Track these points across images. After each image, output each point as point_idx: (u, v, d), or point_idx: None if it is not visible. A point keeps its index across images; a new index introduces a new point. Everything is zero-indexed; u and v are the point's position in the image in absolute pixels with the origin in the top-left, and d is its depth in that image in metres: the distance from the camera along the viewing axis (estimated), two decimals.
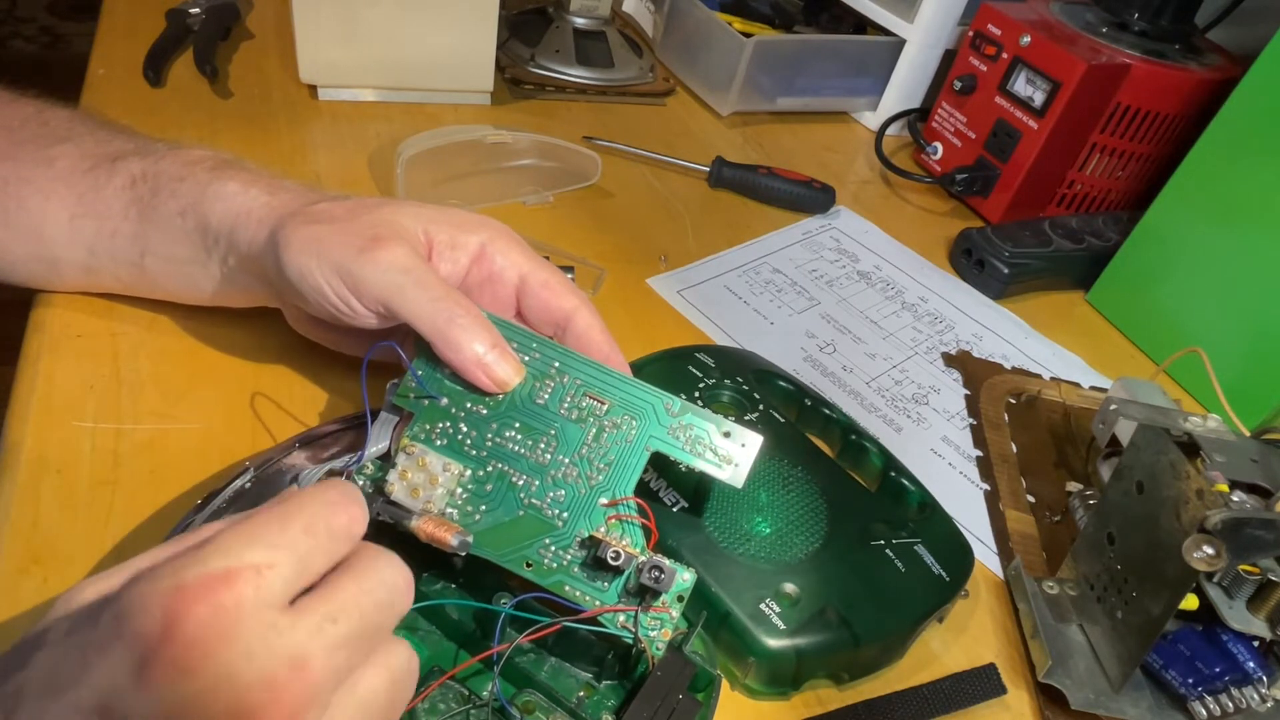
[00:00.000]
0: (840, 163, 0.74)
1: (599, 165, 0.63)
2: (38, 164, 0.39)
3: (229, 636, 0.20)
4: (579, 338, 0.36)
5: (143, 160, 0.39)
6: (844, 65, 0.76)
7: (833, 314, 0.58)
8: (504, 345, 0.33)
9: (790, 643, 0.34)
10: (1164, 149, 0.67)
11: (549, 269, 0.37)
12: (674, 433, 0.33)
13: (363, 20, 0.60)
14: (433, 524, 0.31)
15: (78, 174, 0.39)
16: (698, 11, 0.74)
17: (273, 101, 0.63)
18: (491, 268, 0.37)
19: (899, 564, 0.38)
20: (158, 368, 0.42)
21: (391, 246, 0.33)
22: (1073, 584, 0.41)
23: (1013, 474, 0.49)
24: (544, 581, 0.32)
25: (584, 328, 0.36)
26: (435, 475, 0.33)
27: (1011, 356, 0.58)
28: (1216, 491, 0.35)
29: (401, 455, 0.33)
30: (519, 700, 0.32)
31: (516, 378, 0.33)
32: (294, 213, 0.36)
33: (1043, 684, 0.37)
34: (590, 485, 0.33)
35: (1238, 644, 0.37)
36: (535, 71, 0.72)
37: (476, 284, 0.37)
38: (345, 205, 0.36)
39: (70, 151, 0.40)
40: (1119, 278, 0.63)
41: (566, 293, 0.37)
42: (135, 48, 0.62)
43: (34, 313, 0.43)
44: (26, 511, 0.35)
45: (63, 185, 0.39)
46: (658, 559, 0.31)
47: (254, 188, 0.37)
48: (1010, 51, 0.65)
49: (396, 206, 0.36)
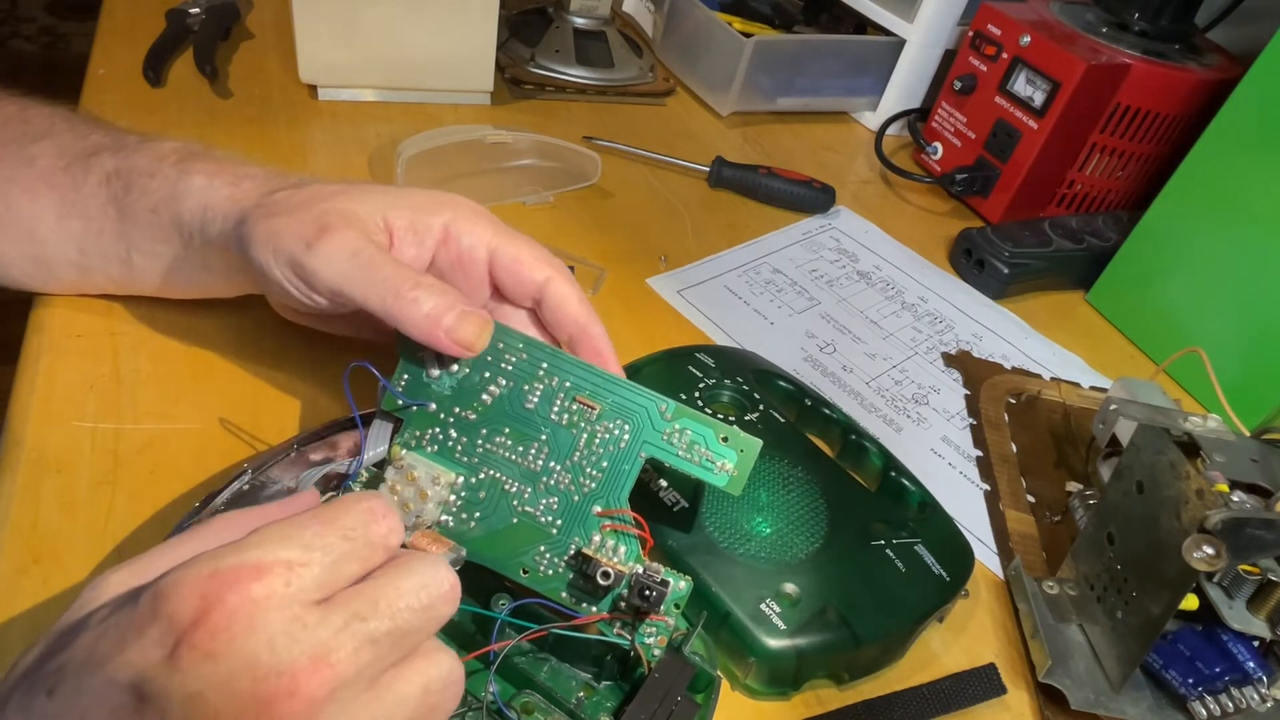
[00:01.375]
0: (840, 163, 0.74)
1: (599, 165, 0.63)
2: (20, 164, 0.39)
3: (254, 626, 0.21)
4: (554, 310, 0.35)
5: (114, 156, 0.39)
6: (844, 65, 0.76)
7: (833, 314, 0.58)
8: (465, 305, 0.32)
9: (790, 643, 0.34)
10: (1164, 149, 0.67)
11: (520, 241, 0.36)
12: (668, 438, 0.32)
13: (363, 20, 0.60)
14: (426, 539, 0.30)
15: (56, 172, 0.39)
16: (698, 11, 0.74)
17: (273, 101, 0.63)
18: (459, 248, 0.36)
19: (899, 564, 0.38)
20: (158, 368, 0.42)
21: (337, 235, 0.32)
22: (1073, 584, 0.41)
23: (1013, 474, 0.49)
24: (541, 588, 0.32)
25: (559, 299, 0.35)
26: (424, 489, 0.32)
27: (1011, 356, 0.58)
28: (1216, 491, 0.35)
29: (390, 469, 0.33)
30: (518, 701, 0.32)
31: (483, 336, 0.32)
32: (255, 204, 0.35)
33: (1043, 684, 0.37)
34: (583, 493, 0.32)
35: (1238, 644, 0.37)
36: (535, 71, 0.72)
37: (447, 266, 0.36)
38: (303, 194, 0.35)
39: (49, 149, 0.39)
40: (1119, 278, 0.63)
41: (538, 264, 0.35)
42: (135, 48, 0.62)
43: (34, 313, 0.43)
44: (26, 511, 0.35)
45: (44, 185, 0.39)
46: (649, 576, 0.31)
47: (218, 179, 0.37)
48: (1010, 51, 0.65)
49: (354, 193, 0.35)
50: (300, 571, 0.22)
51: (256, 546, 0.22)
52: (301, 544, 0.23)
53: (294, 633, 0.21)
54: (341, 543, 0.23)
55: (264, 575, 0.21)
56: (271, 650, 0.21)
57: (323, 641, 0.22)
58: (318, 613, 0.22)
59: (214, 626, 0.21)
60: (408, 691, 0.23)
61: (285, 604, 0.22)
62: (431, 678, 0.24)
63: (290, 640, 0.21)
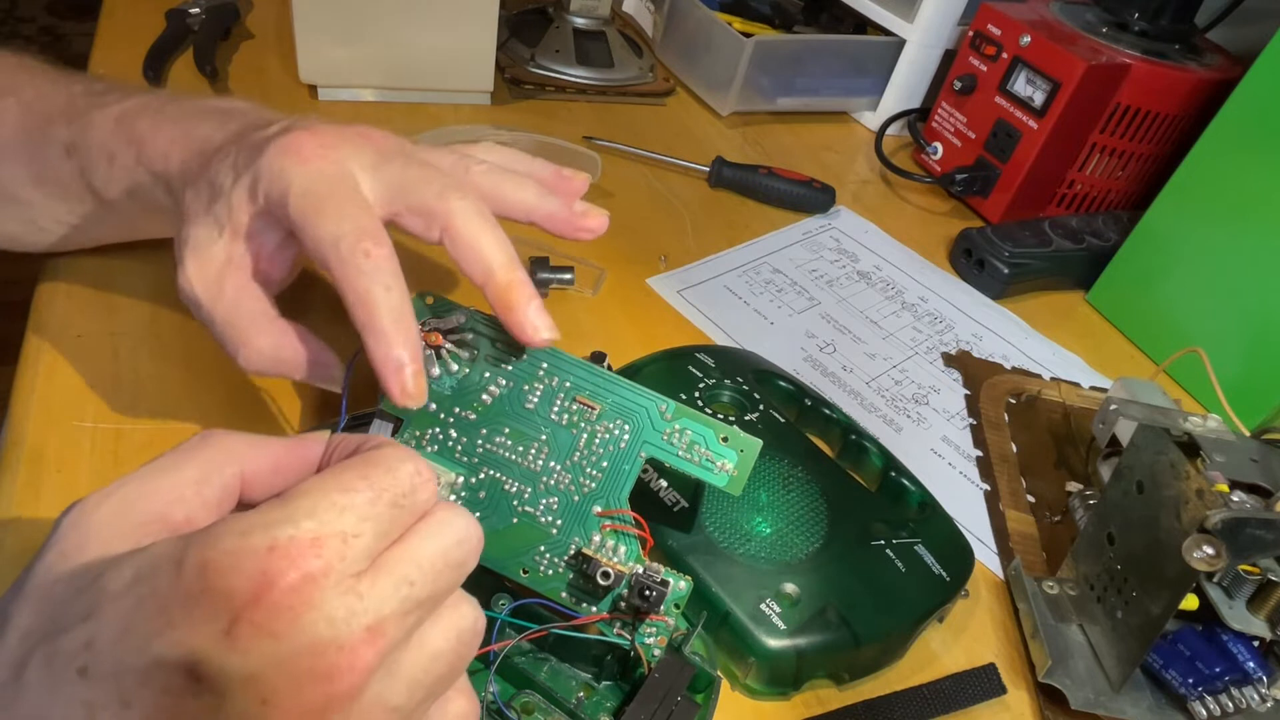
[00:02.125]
0: (840, 163, 0.74)
1: (599, 165, 0.63)
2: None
3: (314, 603, 0.21)
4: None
5: (69, 127, 0.37)
6: (844, 65, 0.76)
7: (833, 314, 0.58)
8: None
9: (790, 643, 0.34)
10: (1164, 149, 0.67)
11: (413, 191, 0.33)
12: (668, 438, 0.32)
13: (363, 20, 0.60)
14: None
15: (19, 139, 0.38)
16: (698, 11, 0.74)
17: (273, 102, 0.62)
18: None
19: (899, 564, 0.38)
20: (158, 368, 0.42)
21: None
22: (1073, 584, 0.41)
23: (1013, 474, 0.49)
24: (541, 588, 0.32)
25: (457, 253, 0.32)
26: None
27: (1011, 356, 0.58)
28: (1216, 491, 0.35)
29: None
30: (518, 701, 0.32)
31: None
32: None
33: (1043, 684, 0.37)
34: (583, 493, 0.32)
35: (1238, 644, 0.37)
36: (535, 71, 0.72)
37: None
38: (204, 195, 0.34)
39: (11, 108, 0.38)
40: (1119, 278, 0.63)
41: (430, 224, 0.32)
42: (135, 48, 0.62)
43: (34, 313, 0.43)
44: (26, 511, 0.35)
45: (11, 151, 0.38)
46: (649, 576, 0.31)
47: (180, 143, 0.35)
48: (1010, 51, 0.65)
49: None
50: (354, 543, 0.22)
51: (310, 516, 0.21)
52: (357, 514, 0.22)
53: (351, 605, 0.21)
54: (391, 510, 0.23)
55: (322, 550, 0.21)
56: (331, 626, 0.21)
57: (376, 612, 0.21)
58: (368, 581, 0.22)
59: (275, 605, 0.20)
60: (442, 645, 0.24)
61: (341, 578, 0.21)
62: (462, 627, 0.24)
63: (348, 613, 0.21)
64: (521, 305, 0.31)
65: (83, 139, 0.37)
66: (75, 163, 0.37)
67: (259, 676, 0.20)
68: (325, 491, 0.22)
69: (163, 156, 0.35)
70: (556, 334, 0.32)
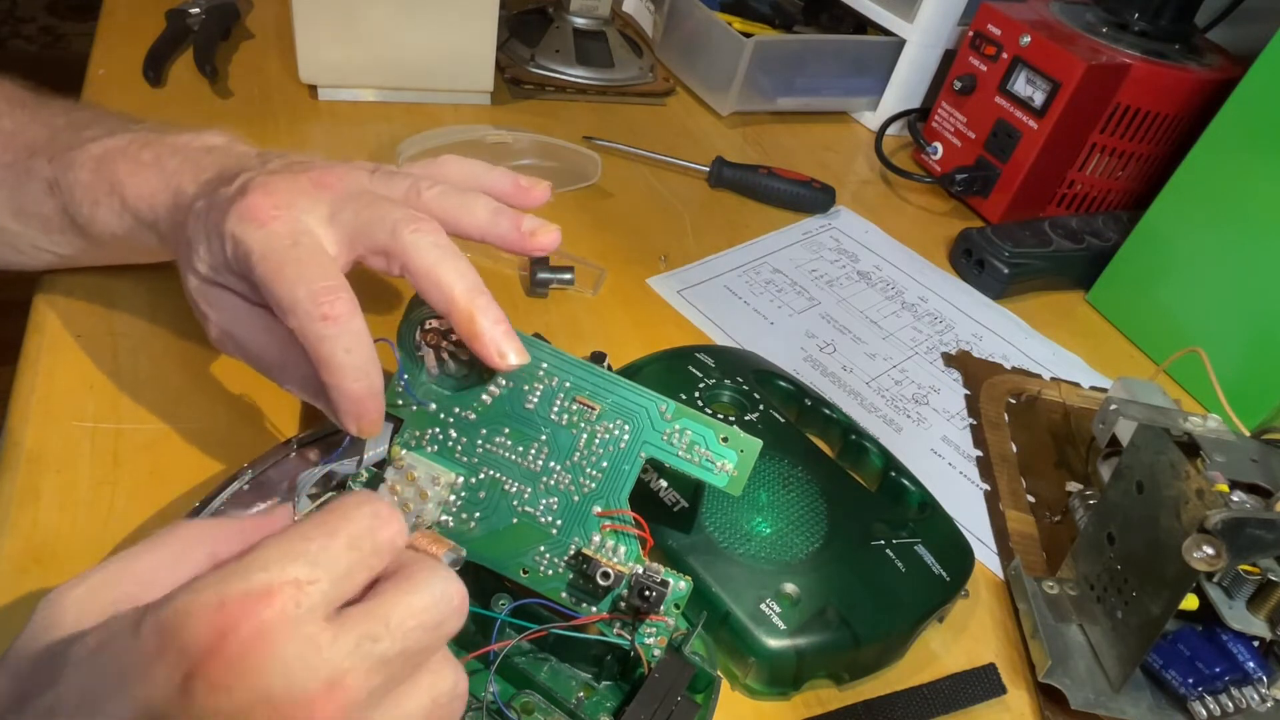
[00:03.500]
0: (840, 163, 0.74)
1: (599, 165, 0.63)
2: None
3: (269, 654, 0.20)
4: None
5: (51, 165, 0.37)
6: (844, 65, 0.76)
7: (833, 314, 0.58)
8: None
9: (790, 643, 0.34)
10: (1164, 149, 0.67)
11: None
12: (668, 438, 0.32)
13: (363, 20, 0.60)
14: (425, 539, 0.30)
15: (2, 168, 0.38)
16: (698, 11, 0.74)
17: (273, 101, 0.63)
18: None
19: (899, 564, 0.38)
20: (158, 368, 0.42)
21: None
22: (1073, 584, 0.41)
23: (1013, 474, 0.49)
24: (541, 588, 0.32)
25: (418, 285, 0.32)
26: (424, 490, 0.32)
27: (1011, 356, 0.58)
28: (1216, 491, 0.35)
29: (390, 469, 0.33)
30: (518, 701, 0.32)
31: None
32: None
33: (1043, 684, 0.37)
34: (583, 493, 0.32)
35: (1238, 644, 0.37)
36: (535, 71, 0.72)
37: None
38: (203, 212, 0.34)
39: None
40: (1119, 278, 0.63)
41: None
42: (135, 48, 0.62)
43: (34, 313, 0.43)
44: (26, 511, 0.35)
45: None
46: (649, 576, 0.31)
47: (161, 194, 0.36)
48: (1010, 51, 0.65)
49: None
50: (309, 589, 0.21)
51: (262, 568, 0.21)
52: (308, 559, 0.22)
53: (308, 657, 0.21)
54: (348, 553, 0.23)
55: (274, 598, 0.21)
56: (287, 677, 0.20)
57: (336, 665, 0.21)
58: (329, 632, 0.21)
59: (229, 658, 0.20)
60: (415, 707, 0.23)
61: (297, 625, 0.21)
62: (440, 691, 0.24)
63: (304, 666, 0.21)
64: (485, 332, 0.31)
65: (64, 178, 0.37)
66: (58, 200, 0.37)
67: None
68: (278, 543, 0.22)
69: (149, 207, 0.36)
70: (525, 358, 0.32)
